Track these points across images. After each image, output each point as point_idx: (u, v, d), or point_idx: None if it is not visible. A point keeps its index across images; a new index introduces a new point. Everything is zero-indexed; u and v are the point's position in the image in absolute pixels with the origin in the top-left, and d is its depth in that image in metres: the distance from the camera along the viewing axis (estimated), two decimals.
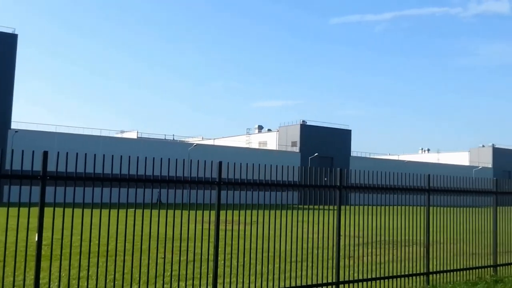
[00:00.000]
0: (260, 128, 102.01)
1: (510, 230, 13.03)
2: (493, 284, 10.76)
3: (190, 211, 8.07)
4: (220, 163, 8.08)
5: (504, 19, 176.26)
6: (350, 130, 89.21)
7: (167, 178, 7.77)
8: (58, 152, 6.78)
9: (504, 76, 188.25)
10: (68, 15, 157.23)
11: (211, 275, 8.00)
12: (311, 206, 9.66)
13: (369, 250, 10.86)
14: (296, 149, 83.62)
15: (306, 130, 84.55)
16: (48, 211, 6.58)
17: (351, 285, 9.73)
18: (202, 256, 8.16)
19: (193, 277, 8.07)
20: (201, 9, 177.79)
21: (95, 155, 7.04)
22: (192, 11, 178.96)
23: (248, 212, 8.56)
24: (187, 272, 7.78)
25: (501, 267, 12.55)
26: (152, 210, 7.82)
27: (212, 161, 8.10)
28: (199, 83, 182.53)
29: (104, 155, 7.42)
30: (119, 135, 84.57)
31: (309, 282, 9.17)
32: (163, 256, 8.69)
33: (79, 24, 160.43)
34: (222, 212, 8.16)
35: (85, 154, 7.00)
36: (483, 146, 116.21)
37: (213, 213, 8.15)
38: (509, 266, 12.73)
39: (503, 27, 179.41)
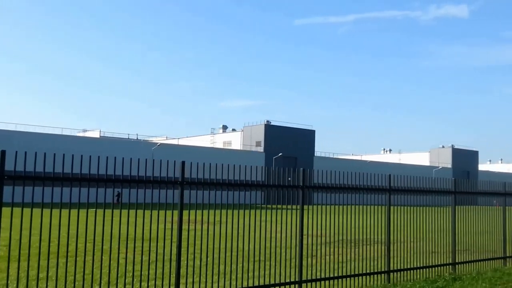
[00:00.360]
0: (225, 128, 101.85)
1: (468, 229, 13.34)
2: (451, 282, 11.00)
3: (153, 211, 8.00)
4: (183, 162, 8.03)
5: (463, 22, 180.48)
6: (314, 131, 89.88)
7: (128, 178, 7.68)
8: (16, 152, 6.61)
9: (463, 78, 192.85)
10: (27, 18, 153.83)
11: (174, 275, 7.95)
12: (274, 206, 9.70)
13: (332, 249, 10.96)
14: (261, 149, 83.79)
15: (271, 130, 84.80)
16: (6, 211, 6.42)
17: (313, 284, 9.82)
18: (165, 256, 8.10)
19: (156, 277, 8.00)
20: (166, 9, 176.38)
21: (54, 154, 6.90)
22: (157, 11, 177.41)
23: (212, 211, 8.54)
24: (149, 273, 7.72)
25: (459, 265, 12.84)
26: (114, 210, 7.73)
27: (174, 161, 8.05)
28: (164, 83, 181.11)
29: (64, 154, 7.28)
30: (81, 134, 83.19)
31: (272, 281, 9.20)
32: (124, 257, 8.59)
33: (38, 26, 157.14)
34: (185, 212, 8.12)
35: (44, 153, 6.86)
36: (443, 146, 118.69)
37: (176, 213, 8.09)
38: (467, 264, 13.04)
39: (462, 30, 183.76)
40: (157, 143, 74.65)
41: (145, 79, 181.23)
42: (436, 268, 12.19)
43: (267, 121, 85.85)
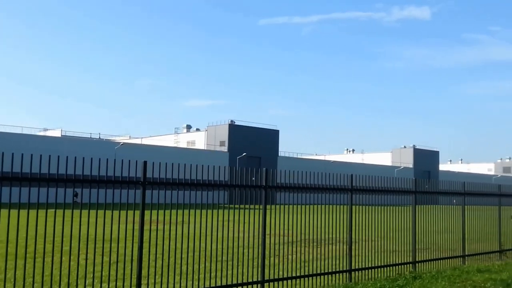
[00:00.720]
0: (189, 127, 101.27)
1: (428, 228, 13.60)
2: (411, 280, 11.19)
3: (114, 211, 7.89)
4: (145, 162, 7.95)
5: (425, 24, 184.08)
6: (278, 131, 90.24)
7: (89, 178, 7.55)
8: None
9: (425, 79, 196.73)
10: None
11: (135, 276, 7.86)
12: (238, 206, 9.69)
13: (295, 249, 11.02)
14: (225, 148, 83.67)
15: (235, 130, 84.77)
16: None
17: (276, 283, 9.85)
18: (127, 257, 8.00)
19: (117, 279, 7.90)
20: (127, 9, 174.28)
21: (13, 153, 6.74)
22: (117, 11, 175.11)
23: (175, 212, 8.48)
24: (109, 274, 7.61)
25: (419, 263, 13.08)
26: (74, 210, 7.59)
27: (136, 161, 7.96)
28: (125, 82, 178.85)
29: (22, 154, 7.10)
30: (42, 134, 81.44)
31: (235, 281, 9.20)
32: (85, 258, 8.44)
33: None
34: (147, 212, 8.04)
35: (2, 152, 6.69)
36: (405, 147, 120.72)
37: (138, 213, 8.00)
38: (427, 262, 13.29)
39: (424, 31, 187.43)
40: (120, 142, 73.69)
41: (106, 78, 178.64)
42: (397, 266, 12.39)
43: (231, 121, 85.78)
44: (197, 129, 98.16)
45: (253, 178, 9.75)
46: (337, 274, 11.02)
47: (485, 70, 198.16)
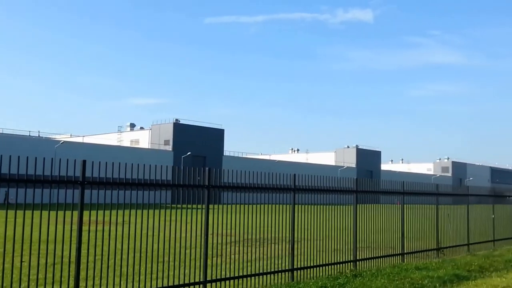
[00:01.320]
0: (132, 126, 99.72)
1: (369, 226, 13.87)
2: (352, 278, 11.37)
3: (52, 212, 7.62)
4: (84, 161, 7.72)
5: (368, 27, 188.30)
6: (223, 130, 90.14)
7: (24, 177, 7.26)
8: None
9: (368, 81, 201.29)
10: None
11: (73, 279, 7.62)
12: (183, 206, 9.58)
13: (238, 248, 11.00)
14: (169, 148, 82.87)
15: (179, 129, 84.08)
16: None
17: (218, 283, 9.79)
18: (64, 259, 7.74)
19: (53, 281, 7.65)
20: (72, 5, 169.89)
21: None
22: (60, 5, 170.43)
23: (115, 212, 8.28)
24: (46, 276, 7.36)
25: (360, 262, 13.32)
26: (9, 211, 7.30)
27: (75, 160, 7.71)
28: (66, 79, 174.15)
29: None
30: None
31: (177, 282, 9.08)
32: (24, 260, 8.13)
33: None
34: (86, 213, 7.81)
35: None
36: (348, 147, 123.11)
37: (76, 213, 7.76)
38: (367, 260, 13.55)
39: (367, 34, 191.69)
40: (60, 141, 71.70)
41: (48, 73, 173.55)
42: (339, 265, 12.56)
43: (176, 120, 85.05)
44: (141, 128, 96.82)
45: (198, 178, 9.66)
46: (280, 274, 11.06)
47: (425, 72, 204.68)
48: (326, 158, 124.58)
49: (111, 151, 69.09)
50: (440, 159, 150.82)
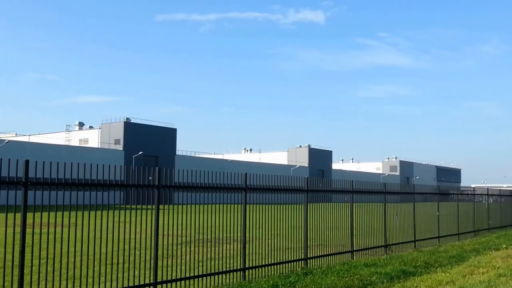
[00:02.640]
0: (81, 125, 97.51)
1: (320, 225, 14.01)
2: (303, 276, 11.46)
3: None
4: (27, 161, 7.46)
5: (319, 28, 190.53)
6: (175, 129, 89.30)
7: None
8: None
9: (319, 81, 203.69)
10: None
11: (17, 284, 7.36)
12: (133, 206, 9.42)
13: (189, 249, 10.89)
14: (120, 147, 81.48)
15: (130, 128, 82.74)
16: None
17: (169, 284, 9.67)
18: (7, 263, 7.48)
19: None
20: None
21: None
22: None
23: (64, 213, 8.04)
24: None
25: (311, 260, 13.44)
26: None
27: (17, 160, 7.44)
28: (10, 75, 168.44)
29: None
30: None
31: (126, 284, 8.90)
32: None
33: None
34: (30, 215, 7.56)
35: None
36: (300, 146, 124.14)
37: (19, 215, 7.49)
38: (318, 258, 13.68)
39: (318, 35, 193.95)
40: (5, 140, 69.41)
41: None
42: (290, 263, 12.63)
43: (127, 118, 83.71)
44: (91, 127, 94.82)
45: (150, 178, 9.52)
46: (232, 273, 11.03)
47: (374, 73, 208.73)
48: (279, 158, 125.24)
49: (59, 151, 67.35)
50: (388, 158, 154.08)
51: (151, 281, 9.33)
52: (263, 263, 11.88)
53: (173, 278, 9.84)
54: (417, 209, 19.31)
